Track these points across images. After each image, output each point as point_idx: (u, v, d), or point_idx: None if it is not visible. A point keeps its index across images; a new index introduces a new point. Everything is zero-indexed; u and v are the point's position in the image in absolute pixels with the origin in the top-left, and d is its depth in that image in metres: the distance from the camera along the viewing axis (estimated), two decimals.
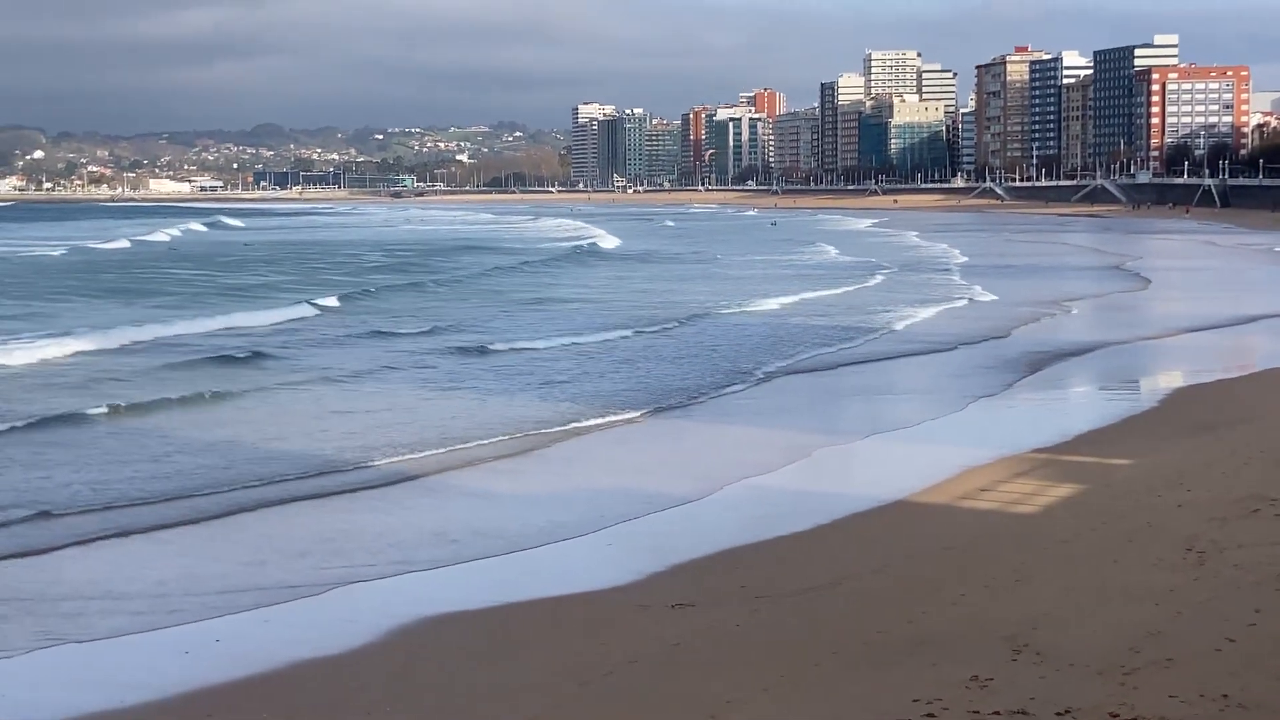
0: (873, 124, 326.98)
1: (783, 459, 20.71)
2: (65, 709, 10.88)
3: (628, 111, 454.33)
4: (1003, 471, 19.12)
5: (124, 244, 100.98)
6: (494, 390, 27.54)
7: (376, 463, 20.23)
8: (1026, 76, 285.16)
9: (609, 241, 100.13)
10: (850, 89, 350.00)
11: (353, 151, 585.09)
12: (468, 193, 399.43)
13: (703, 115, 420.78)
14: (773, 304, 47.24)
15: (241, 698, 11.08)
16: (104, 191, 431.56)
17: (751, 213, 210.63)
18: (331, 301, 47.86)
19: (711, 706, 9.89)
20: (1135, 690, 9.19)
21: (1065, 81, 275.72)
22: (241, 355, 32.45)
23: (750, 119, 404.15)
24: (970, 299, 49.13)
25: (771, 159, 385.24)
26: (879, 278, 60.85)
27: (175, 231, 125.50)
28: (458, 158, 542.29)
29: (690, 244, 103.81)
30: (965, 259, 75.62)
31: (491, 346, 34.68)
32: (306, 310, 44.81)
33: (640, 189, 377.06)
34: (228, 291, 55.34)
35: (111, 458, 20.38)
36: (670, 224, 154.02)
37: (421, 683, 11.31)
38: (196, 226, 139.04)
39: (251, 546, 15.88)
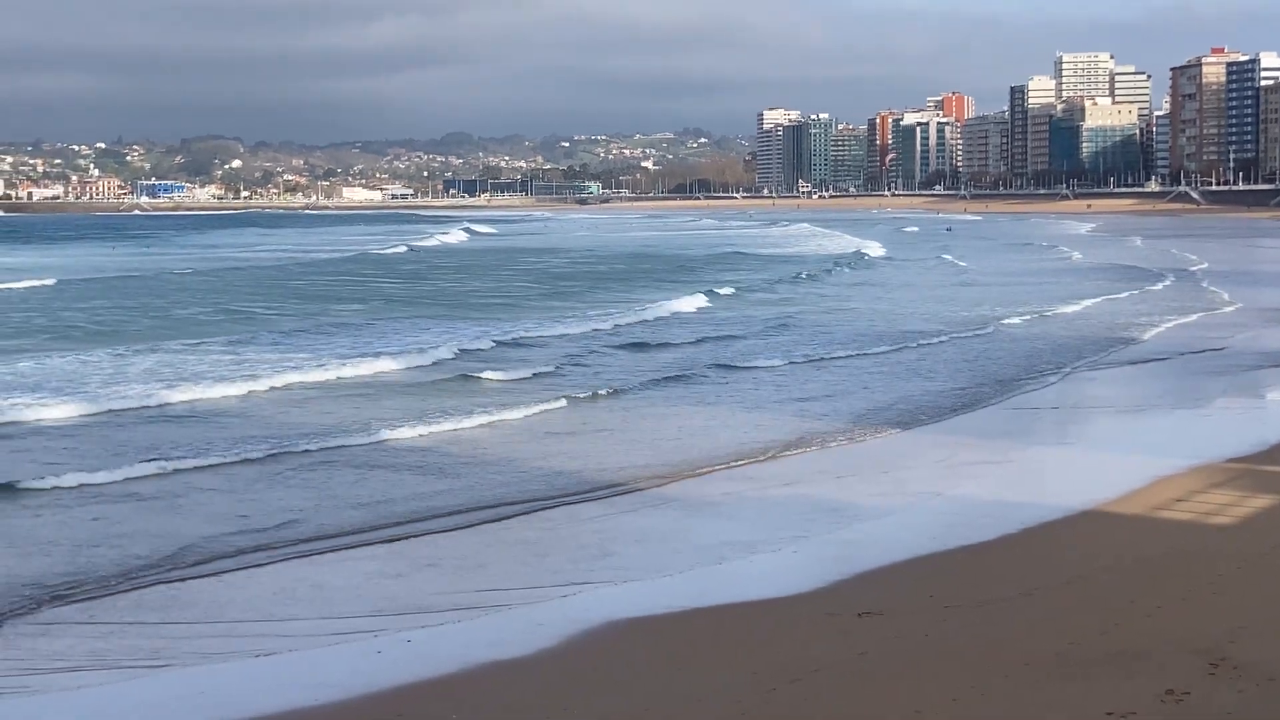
0: (1063, 127, 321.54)
1: (971, 468, 20.46)
2: (263, 707, 11.14)
3: (813, 116, 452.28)
4: (1198, 481, 18.65)
5: (401, 249, 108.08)
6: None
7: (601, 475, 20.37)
8: (1223, 78, 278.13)
9: (874, 249, 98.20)
10: (1040, 92, 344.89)
11: (539, 159, 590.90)
12: (652, 199, 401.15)
13: (889, 120, 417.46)
14: (1069, 309, 47.22)
15: (430, 697, 11.23)
16: (298, 200, 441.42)
17: (970, 217, 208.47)
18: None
19: (900, 716, 9.80)
20: None
21: (1263, 83, 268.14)
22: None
23: (938, 123, 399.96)
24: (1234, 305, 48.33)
25: (959, 163, 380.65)
26: (1161, 284, 59.74)
27: (448, 239, 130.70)
28: (643, 164, 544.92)
29: (938, 248, 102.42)
30: (1205, 264, 73.99)
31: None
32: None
33: (825, 194, 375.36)
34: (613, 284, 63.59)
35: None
36: (913, 230, 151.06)
37: (605, 687, 11.37)
38: (460, 234, 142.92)
39: (476, 550, 16.21)
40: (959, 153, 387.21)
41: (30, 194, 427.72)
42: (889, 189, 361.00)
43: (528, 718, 10.67)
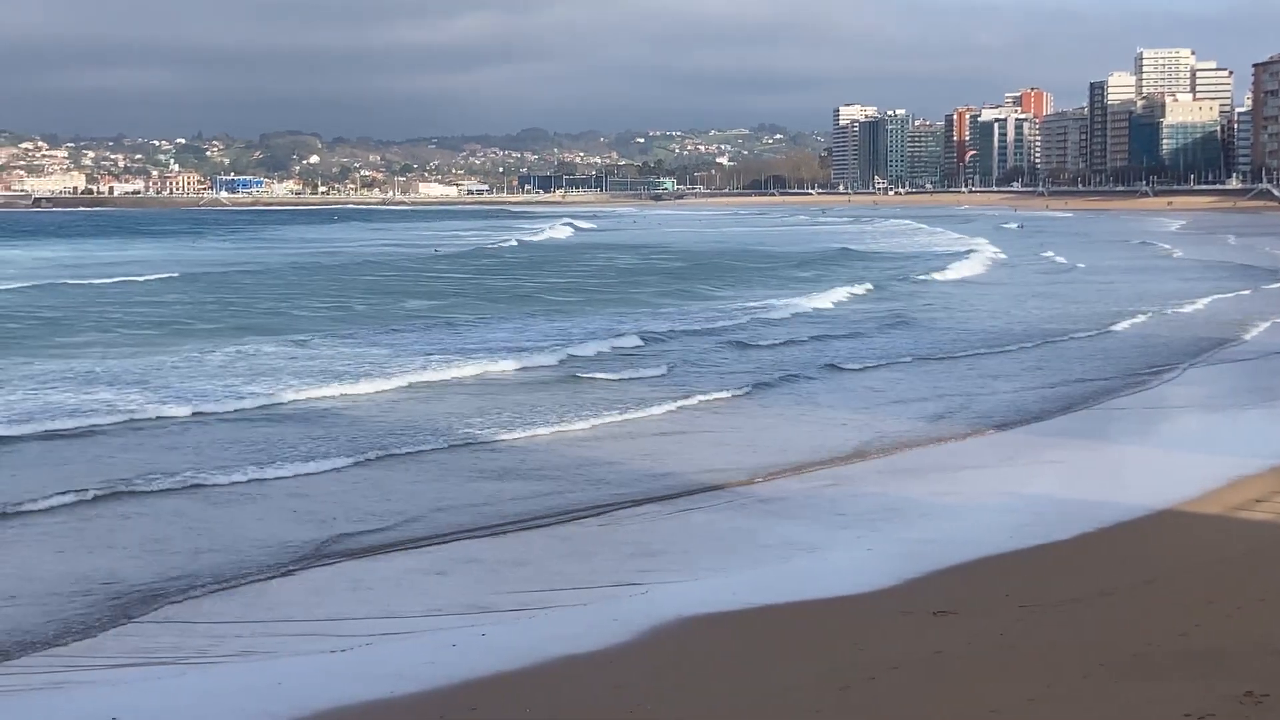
0: (1143, 124, 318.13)
1: (1051, 467, 20.34)
2: (341, 697, 11.25)
3: (890, 112, 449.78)
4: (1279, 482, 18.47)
5: (513, 242, 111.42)
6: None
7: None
8: None
9: (983, 246, 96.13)
10: (1120, 88, 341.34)
11: (614, 155, 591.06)
12: (726, 195, 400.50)
13: (966, 116, 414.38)
14: (1189, 308, 46.91)
15: (504, 691, 11.29)
16: (375, 195, 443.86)
17: (1059, 214, 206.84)
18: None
19: (976, 715, 9.75)
20: None
21: None
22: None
23: (1016, 119, 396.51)
24: None
25: (1037, 160, 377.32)
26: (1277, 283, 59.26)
27: (555, 234, 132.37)
28: (718, 160, 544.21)
29: (1036, 245, 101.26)
30: None
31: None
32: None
33: (901, 191, 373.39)
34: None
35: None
36: (1012, 226, 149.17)
37: (681, 683, 11.37)
38: (565, 229, 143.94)
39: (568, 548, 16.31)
40: (1037, 149, 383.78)
41: (111, 188, 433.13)
42: (966, 185, 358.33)
43: (600, 713, 10.69)
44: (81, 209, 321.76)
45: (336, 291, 59.12)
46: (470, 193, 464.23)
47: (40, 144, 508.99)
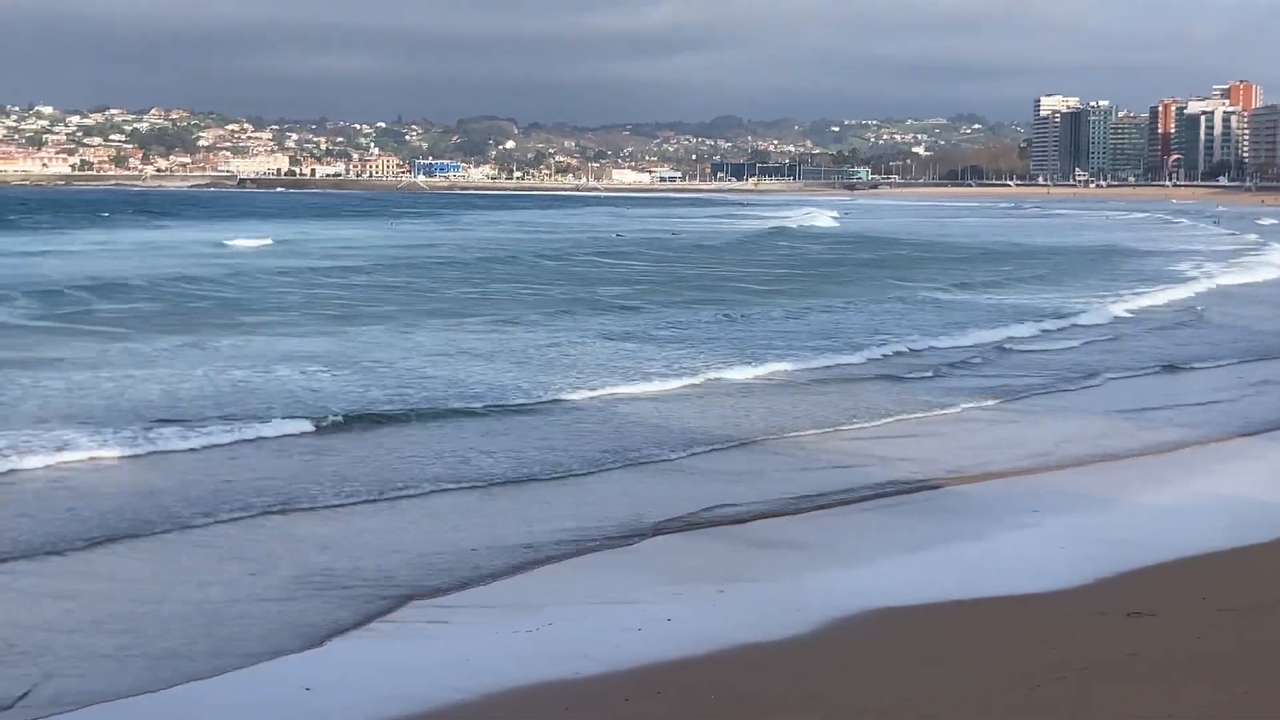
0: None
1: (1253, 464, 19.82)
2: (528, 676, 11.37)
3: (1092, 104, 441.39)
4: None
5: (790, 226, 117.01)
6: None
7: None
8: None
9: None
10: None
11: (808, 144, 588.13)
12: (922, 186, 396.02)
13: (1172, 108, 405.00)
14: None
15: (688, 675, 11.31)
16: (569, 181, 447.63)
17: None
18: None
19: (1169, 719, 9.54)
20: None
21: None
22: None
23: (1224, 112, 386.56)
24: None
25: (1245, 154, 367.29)
26: None
27: (816, 221, 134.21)
28: (914, 150, 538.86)
29: None
30: None
31: None
32: None
33: (1103, 184, 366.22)
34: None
35: None
36: (1270, 223, 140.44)
37: (860, 676, 11.29)
38: (825, 218, 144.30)
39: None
40: (1244, 143, 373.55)
41: (313, 170, 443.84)
42: (1170, 179, 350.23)
43: (782, 702, 10.66)
44: (279, 189, 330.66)
45: (669, 276, 60.43)
46: (662, 179, 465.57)
47: (246, 126, 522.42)
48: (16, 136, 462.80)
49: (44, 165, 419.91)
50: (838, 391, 26.91)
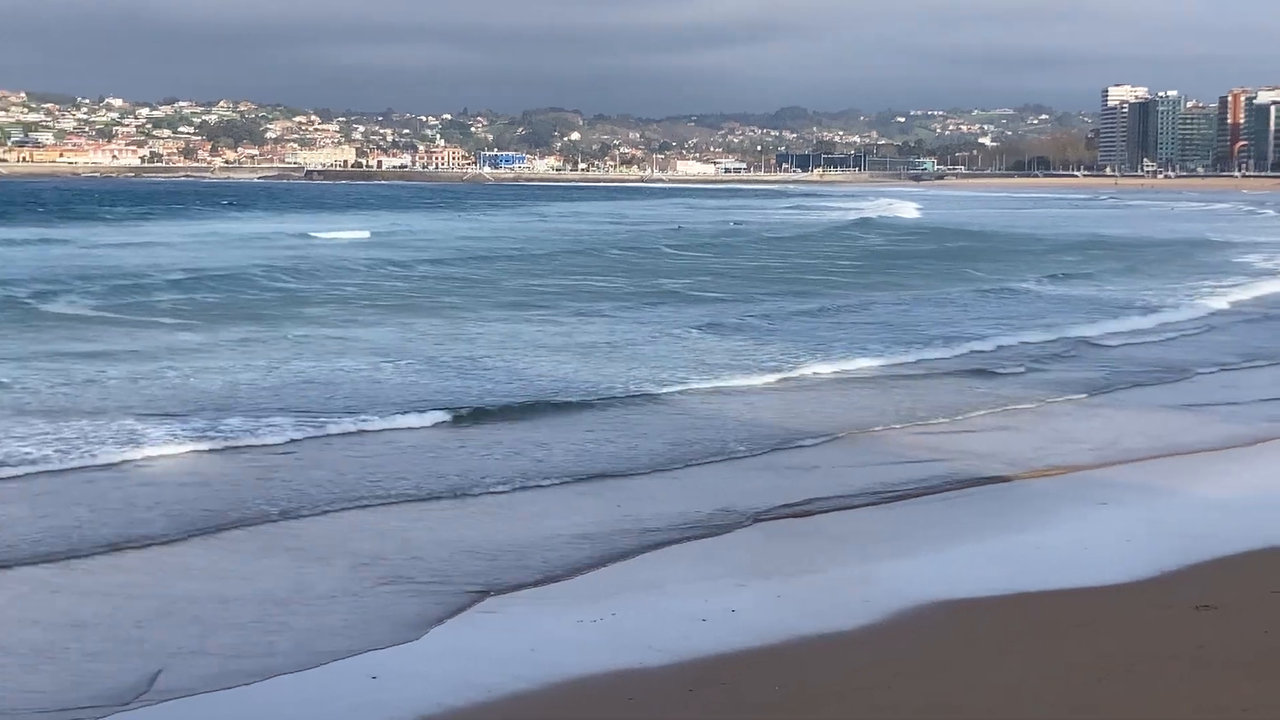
0: None
1: None
2: (597, 664, 11.46)
3: (1160, 94, 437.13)
4: None
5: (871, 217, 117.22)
6: None
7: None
8: None
9: None
10: None
11: (874, 134, 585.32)
12: (988, 176, 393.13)
13: (1241, 98, 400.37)
14: None
15: (753, 666, 11.34)
16: (633, 172, 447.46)
17: None
18: None
19: (1237, 714, 9.47)
20: None
21: None
22: None
23: None
24: None
25: None
26: None
27: (900, 212, 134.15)
28: (980, 141, 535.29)
29: None
30: None
31: None
32: None
33: (1170, 174, 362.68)
34: None
35: None
36: None
37: (929, 665, 11.27)
38: (909, 208, 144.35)
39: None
40: None
41: (380, 162, 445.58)
42: (1239, 170, 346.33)
43: (847, 694, 10.66)
44: (344, 180, 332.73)
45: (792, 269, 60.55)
46: (727, 171, 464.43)
47: (313, 118, 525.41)
48: (87, 129, 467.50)
49: (114, 157, 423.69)
50: (922, 386, 26.79)
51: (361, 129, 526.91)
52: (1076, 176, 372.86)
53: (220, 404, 23.02)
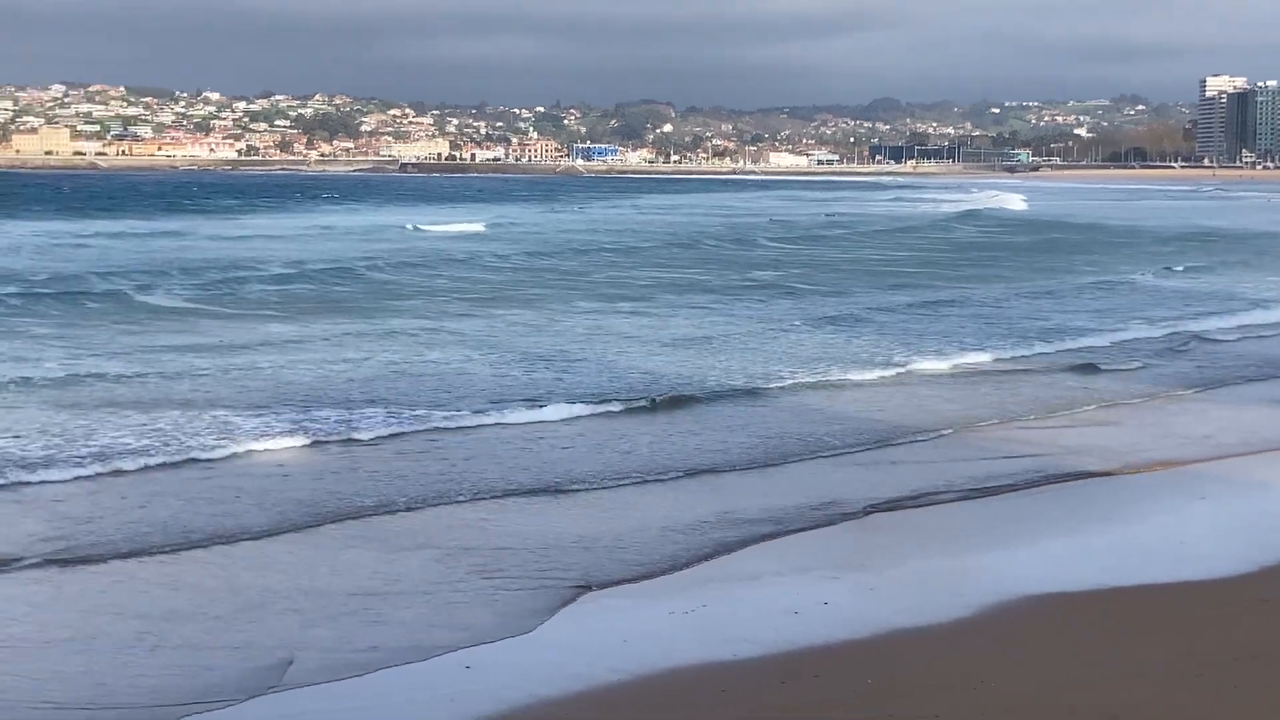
0: None
1: None
2: (690, 656, 11.51)
3: (1260, 84, 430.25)
4: None
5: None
6: None
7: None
8: None
9: None
10: None
11: (968, 126, 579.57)
12: (1083, 168, 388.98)
13: None
14: None
15: (845, 659, 11.35)
16: (726, 164, 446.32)
17: None
18: None
19: None
20: None
21: None
22: None
23: None
24: None
25: None
26: None
27: (1007, 204, 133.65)
28: (1075, 132, 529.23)
29: None
30: None
31: None
32: None
33: (1270, 165, 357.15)
34: None
35: None
36: None
37: (1024, 660, 11.24)
38: (1016, 200, 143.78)
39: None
40: None
41: (473, 155, 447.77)
42: None
43: (939, 687, 10.65)
44: (438, 174, 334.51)
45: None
46: (820, 163, 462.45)
47: (407, 111, 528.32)
48: (185, 122, 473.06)
49: (211, 150, 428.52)
50: (1030, 382, 26.57)
51: (455, 122, 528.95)
52: (1174, 168, 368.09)
53: (310, 397, 23.26)
